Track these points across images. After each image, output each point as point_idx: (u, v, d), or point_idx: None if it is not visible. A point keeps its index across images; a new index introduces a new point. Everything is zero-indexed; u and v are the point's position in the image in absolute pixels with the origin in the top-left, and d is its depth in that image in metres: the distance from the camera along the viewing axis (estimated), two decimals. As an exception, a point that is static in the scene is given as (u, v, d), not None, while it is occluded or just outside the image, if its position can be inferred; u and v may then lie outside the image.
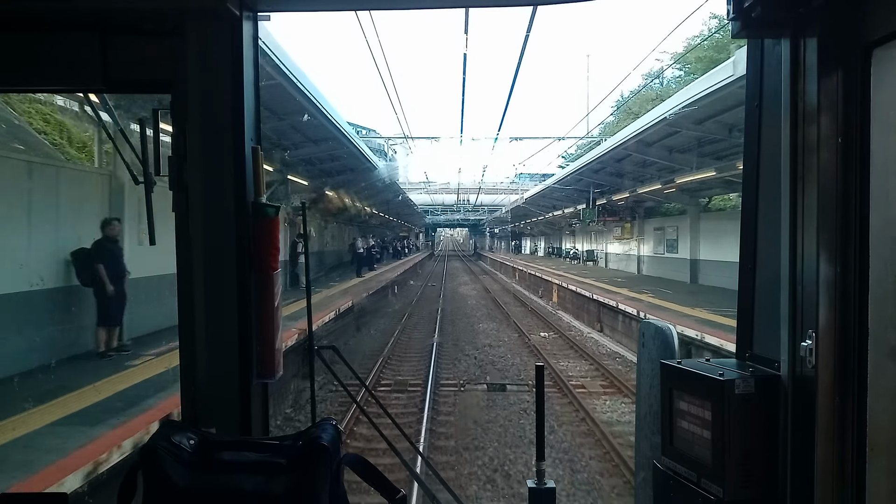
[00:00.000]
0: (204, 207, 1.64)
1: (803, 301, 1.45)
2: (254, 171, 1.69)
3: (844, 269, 1.41)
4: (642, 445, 2.00)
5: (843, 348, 1.41)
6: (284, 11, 2.06)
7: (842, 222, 1.41)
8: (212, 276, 1.65)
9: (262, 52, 1.81)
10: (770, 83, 1.62)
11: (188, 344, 1.67)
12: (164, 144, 1.73)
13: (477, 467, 8.47)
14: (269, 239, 1.69)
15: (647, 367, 1.95)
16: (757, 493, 1.51)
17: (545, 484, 2.11)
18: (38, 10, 1.58)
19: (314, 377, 2.06)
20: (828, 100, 1.41)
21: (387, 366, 14.73)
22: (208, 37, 1.61)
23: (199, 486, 1.33)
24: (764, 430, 1.51)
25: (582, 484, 8.01)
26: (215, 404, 1.65)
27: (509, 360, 15.40)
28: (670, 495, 1.68)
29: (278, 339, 1.71)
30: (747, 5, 1.47)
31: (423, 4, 1.86)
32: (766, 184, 1.65)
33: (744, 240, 1.75)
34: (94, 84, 1.67)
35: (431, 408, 10.96)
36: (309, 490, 1.34)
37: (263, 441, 1.47)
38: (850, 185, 1.40)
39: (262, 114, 1.76)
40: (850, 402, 1.40)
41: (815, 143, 1.42)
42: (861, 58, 1.38)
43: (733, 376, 1.53)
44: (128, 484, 1.36)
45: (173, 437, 1.37)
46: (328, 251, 31.61)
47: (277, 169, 17.84)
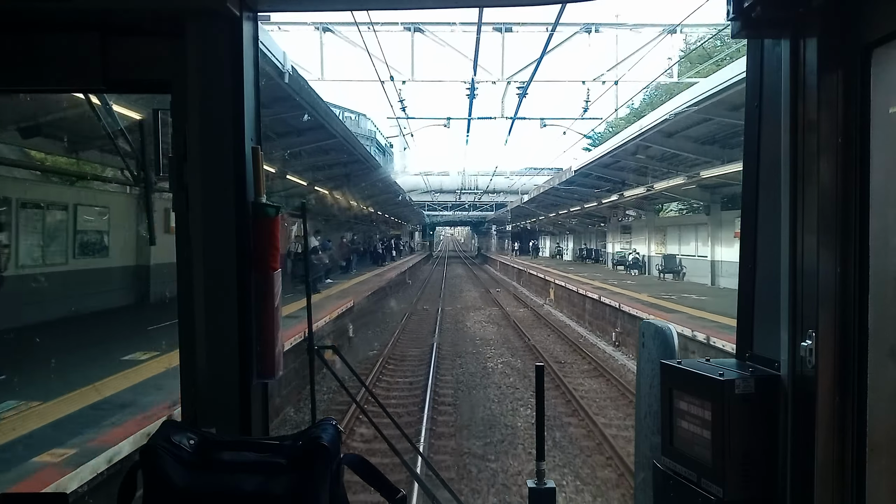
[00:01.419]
0: (204, 207, 1.64)
1: (803, 301, 1.45)
2: (254, 171, 1.69)
3: (844, 269, 1.41)
4: (642, 445, 2.00)
5: (843, 348, 1.41)
6: (284, 11, 2.06)
7: (842, 222, 1.41)
8: (212, 276, 1.65)
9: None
10: (770, 83, 1.62)
11: (188, 344, 1.67)
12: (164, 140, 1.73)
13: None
14: (269, 239, 1.69)
15: (647, 367, 1.95)
16: (757, 494, 1.51)
17: (545, 484, 2.11)
18: (38, 10, 1.58)
19: (314, 377, 2.06)
20: (828, 100, 1.41)
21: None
22: (208, 37, 1.61)
23: (199, 486, 1.33)
24: (764, 431, 1.51)
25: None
26: (215, 404, 1.65)
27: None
28: (670, 495, 1.68)
29: (278, 339, 1.71)
30: (747, 5, 1.47)
31: (423, 4, 1.86)
32: (766, 184, 1.65)
33: (744, 240, 1.75)
34: (94, 84, 1.67)
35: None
36: (309, 490, 1.33)
37: (263, 441, 1.47)
38: (849, 184, 1.41)
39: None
40: (850, 402, 1.40)
41: (814, 143, 1.42)
42: (861, 58, 1.38)
43: (733, 376, 1.53)
44: (128, 484, 1.36)
45: (173, 436, 1.37)
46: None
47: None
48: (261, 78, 1.70)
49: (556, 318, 23.94)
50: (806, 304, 1.44)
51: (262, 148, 1.66)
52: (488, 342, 18.57)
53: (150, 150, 1.75)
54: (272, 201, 1.66)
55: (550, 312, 25.50)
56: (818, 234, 1.42)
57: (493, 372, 14.62)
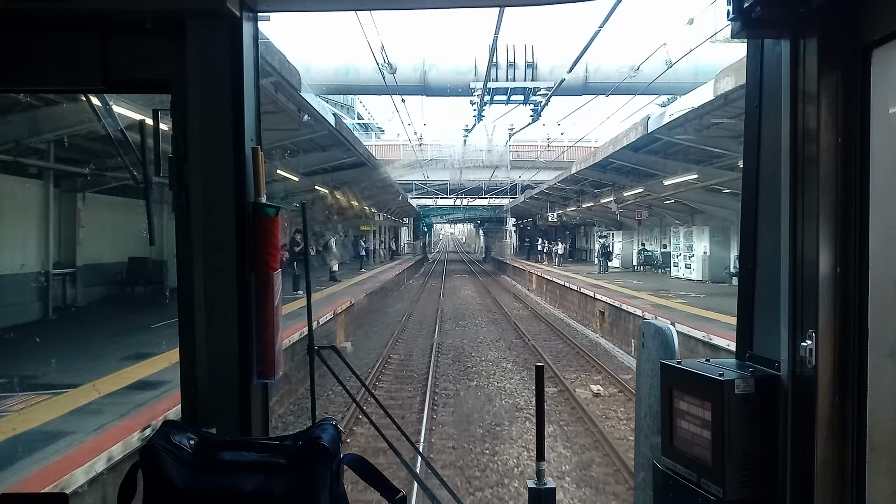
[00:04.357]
0: (204, 207, 1.64)
1: (803, 301, 1.45)
2: (254, 171, 1.69)
3: (844, 269, 1.41)
4: (642, 446, 2.00)
5: (843, 348, 1.41)
6: (284, 11, 2.06)
7: (842, 222, 1.41)
8: (212, 276, 1.65)
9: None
10: (770, 83, 1.62)
11: (188, 344, 1.67)
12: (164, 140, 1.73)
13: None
14: (268, 239, 1.69)
15: (646, 367, 1.95)
16: (757, 494, 1.51)
17: (545, 484, 2.11)
18: (38, 10, 1.58)
19: (314, 377, 2.06)
20: (827, 100, 1.41)
21: None
22: (208, 37, 1.61)
23: (199, 486, 1.33)
24: (763, 431, 1.51)
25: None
26: (215, 404, 1.65)
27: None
28: (670, 496, 1.68)
29: (278, 339, 1.71)
30: (747, 5, 1.47)
31: (423, 4, 1.86)
32: (766, 184, 1.65)
33: (744, 240, 1.75)
34: (94, 84, 1.67)
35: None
36: (309, 490, 1.34)
37: (263, 441, 1.47)
38: (849, 184, 1.40)
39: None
40: (850, 402, 1.40)
41: (814, 143, 1.42)
42: (861, 58, 1.37)
43: (733, 376, 1.53)
44: (128, 484, 1.36)
45: (173, 437, 1.37)
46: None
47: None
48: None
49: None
50: (806, 304, 1.44)
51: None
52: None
53: (150, 150, 1.75)
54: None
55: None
56: (818, 234, 1.42)
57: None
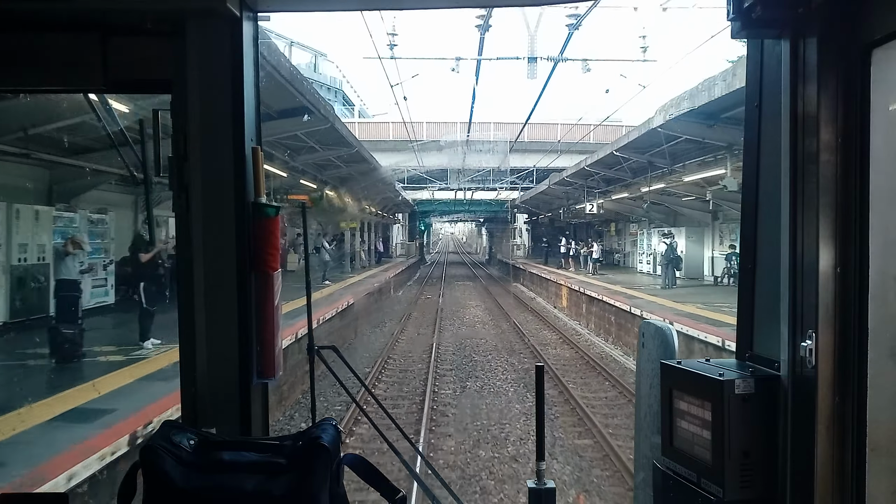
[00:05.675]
0: (204, 207, 1.64)
1: (803, 301, 1.45)
2: (254, 171, 1.69)
3: (844, 270, 1.41)
4: (642, 445, 1.99)
5: (843, 348, 1.41)
6: (284, 11, 2.06)
7: (842, 222, 1.41)
8: (212, 276, 1.65)
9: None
10: (770, 83, 1.62)
11: (188, 344, 1.67)
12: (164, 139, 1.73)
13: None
14: (268, 239, 1.69)
15: (646, 367, 1.95)
16: (757, 494, 1.51)
17: (545, 484, 2.11)
18: (38, 10, 1.58)
19: (314, 377, 2.06)
20: (827, 100, 1.41)
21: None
22: (208, 37, 1.61)
23: (199, 486, 1.33)
24: (763, 431, 1.51)
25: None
26: (215, 404, 1.65)
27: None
28: (670, 495, 1.68)
29: (278, 340, 1.71)
30: (747, 5, 1.47)
31: (424, 4, 1.86)
32: (766, 184, 1.65)
33: (744, 240, 1.75)
34: (94, 84, 1.67)
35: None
36: (309, 490, 1.34)
37: (263, 441, 1.47)
38: (849, 184, 1.41)
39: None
40: (850, 402, 1.40)
41: (814, 143, 1.42)
42: (861, 58, 1.37)
43: (733, 376, 1.53)
44: (128, 484, 1.36)
45: (173, 437, 1.37)
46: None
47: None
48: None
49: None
50: (806, 304, 1.44)
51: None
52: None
53: (150, 150, 1.75)
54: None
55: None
56: (818, 234, 1.42)
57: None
